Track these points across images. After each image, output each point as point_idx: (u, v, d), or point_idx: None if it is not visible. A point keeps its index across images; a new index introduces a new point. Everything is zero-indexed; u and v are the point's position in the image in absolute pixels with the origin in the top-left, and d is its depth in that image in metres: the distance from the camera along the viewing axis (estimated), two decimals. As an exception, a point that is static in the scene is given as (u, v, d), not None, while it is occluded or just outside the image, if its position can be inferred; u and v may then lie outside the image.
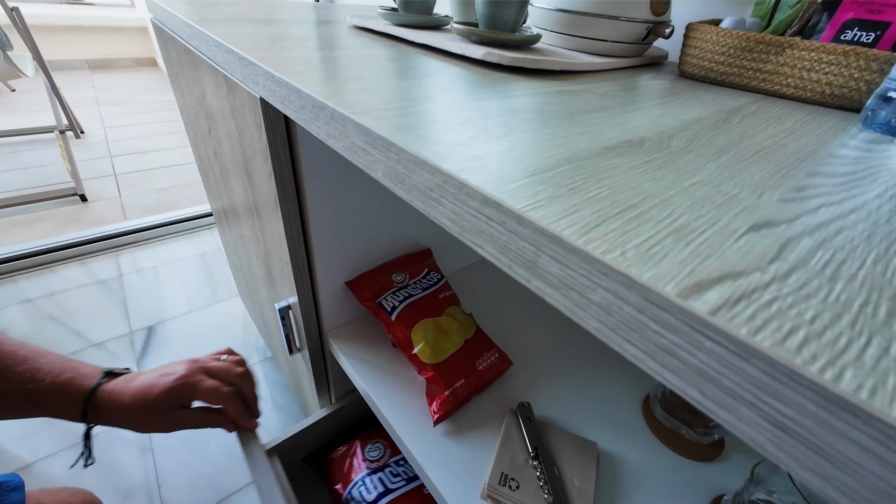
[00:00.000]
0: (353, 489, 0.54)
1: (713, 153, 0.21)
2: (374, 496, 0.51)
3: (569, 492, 0.37)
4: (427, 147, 0.18)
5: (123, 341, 1.05)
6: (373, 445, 0.58)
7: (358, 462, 0.56)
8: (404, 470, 0.55)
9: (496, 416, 0.44)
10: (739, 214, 0.15)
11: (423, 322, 0.46)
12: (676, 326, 0.11)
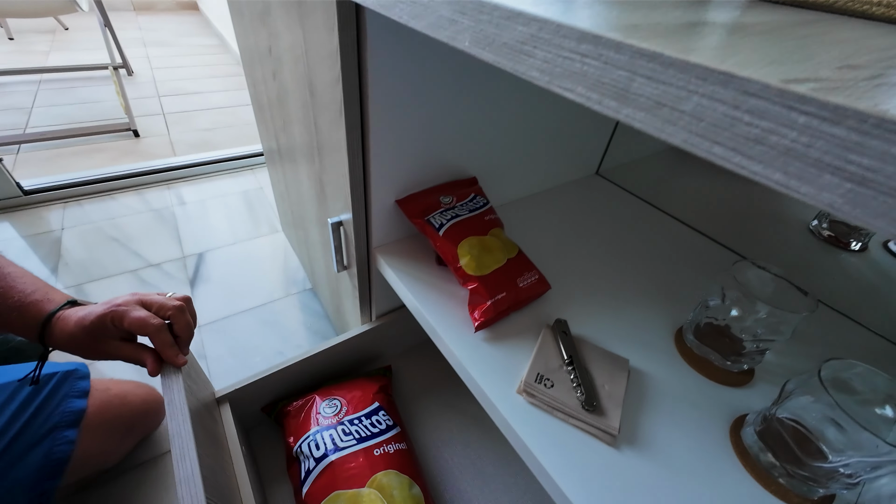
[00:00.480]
0: (303, 443, 0.53)
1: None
2: (323, 452, 0.51)
3: (599, 394, 0.40)
4: (520, 4, 0.19)
5: (177, 264, 1.14)
6: (330, 402, 0.57)
7: (313, 416, 0.56)
8: (357, 429, 0.54)
9: (532, 331, 0.47)
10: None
11: (468, 239, 0.48)
12: (770, 111, 0.12)
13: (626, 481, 0.35)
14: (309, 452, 0.52)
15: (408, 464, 0.53)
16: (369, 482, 0.48)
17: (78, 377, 0.61)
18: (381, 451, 0.52)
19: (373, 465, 0.50)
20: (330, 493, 0.48)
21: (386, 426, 0.55)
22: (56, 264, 1.10)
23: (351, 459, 0.50)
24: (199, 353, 0.92)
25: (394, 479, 0.49)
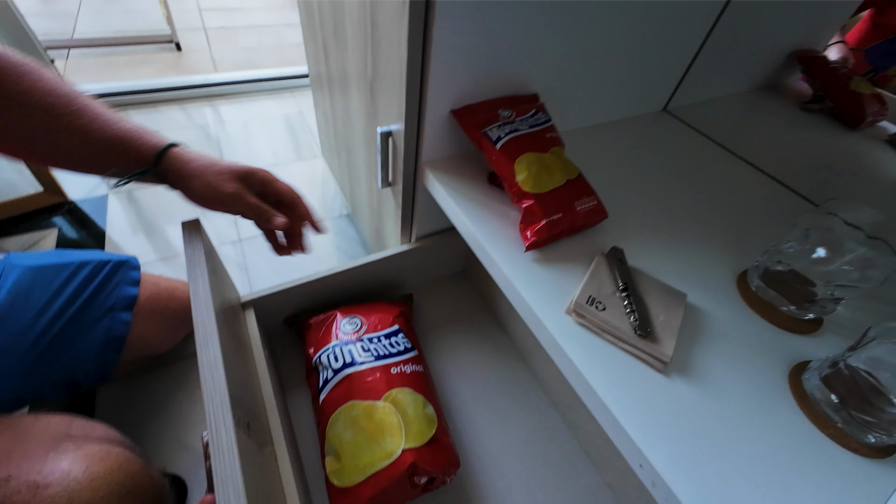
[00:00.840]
0: (323, 354, 0.54)
1: None
2: (341, 364, 0.52)
3: (654, 322, 0.38)
4: None
5: (220, 180, 1.16)
6: (350, 319, 0.58)
7: (334, 331, 0.56)
8: (376, 347, 0.54)
9: (584, 259, 0.45)
10: None
11: (527, 154, 0.45)
12: None
13: (675, 408, 0.34)
14: (328, 363, 0.53)
15: (423, 385, 0.53)
16: (385, 396, 0.49)
17: (130, 268, 0.65)
18: (398, 370, 0.52)
19: (389, 382, 0.50)
20: (346, 401, 0.49)
21: (404, 348, 0.55)
22: (108, 170, 1.14)
23: (368, 374, 0.51)
24: (240, 264, 0.96)
25: (409, 397, 0.49)
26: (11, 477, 0.30)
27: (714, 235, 0.50)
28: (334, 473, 0.44)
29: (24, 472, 0.30)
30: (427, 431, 0.47)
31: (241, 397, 0.37)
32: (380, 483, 0.43)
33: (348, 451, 0.45)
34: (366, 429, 0.46)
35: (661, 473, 0.30)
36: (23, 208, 0.99)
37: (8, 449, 0.32)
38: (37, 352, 0.51)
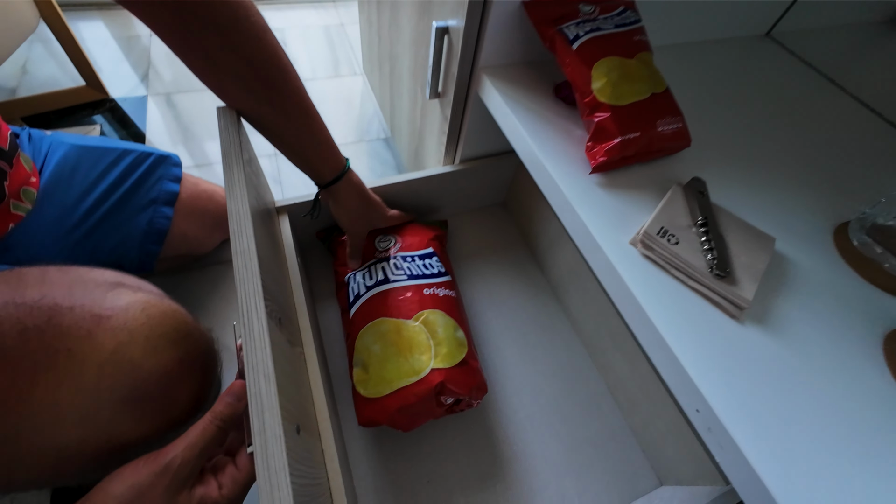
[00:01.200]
0: (356, 273, 0.53)
1: None
2: (374, 280, 0.50)
3: (734, 263, 0.33)
4: None
5: (257, 90, 1.12)
6: (384, 237, 0.55)
7: (367, 248, 0.55)
8: (409, 267, 0.52)
9: (656, 189, 0.39)
10: None
11: (608, 59, 0.38)
12: None
13: (746, 356, 0.30)
14: (360, 279, 0.51)
15: (455, 310, 0.50)
16: (416, 316, 0.47)
17: (171, 164, 0.63)
18: (430, 291, 0.49)
19: (421, 302, 0.48)
20: (377, 317, 0.47)
21: (438, 271, 0.52)
22: (146, 71, 1.12)
23: (401, 292, 0.49)
24: (274, 178, 0.94)
25: (440, 319, 0.47)
26: (75, 307, 0.31)
27: (812, 179, 0.43)
28: (361, 383, 0.44)
29: (87, 304, 0.32)
30: (457, 354, 0.45)
31: (273, 292, 0.35)
32: (406, 397, 0.42)
33: (376, 364, 0.44)
34: (395, 344, 0.45)
35: (720, 418, 0.27)
36: (66, 102, 0.99)
37: (69, 286, 0.33)
38: (82, 232, 0.51)
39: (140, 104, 1.04)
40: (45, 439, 0.28)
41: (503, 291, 0.64)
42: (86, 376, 0.29)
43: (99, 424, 0.30)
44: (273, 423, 0.25)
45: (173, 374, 0.34)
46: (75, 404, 0.29)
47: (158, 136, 0.98)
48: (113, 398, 0.30)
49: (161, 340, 0.33)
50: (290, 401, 0.30)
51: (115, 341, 0.31)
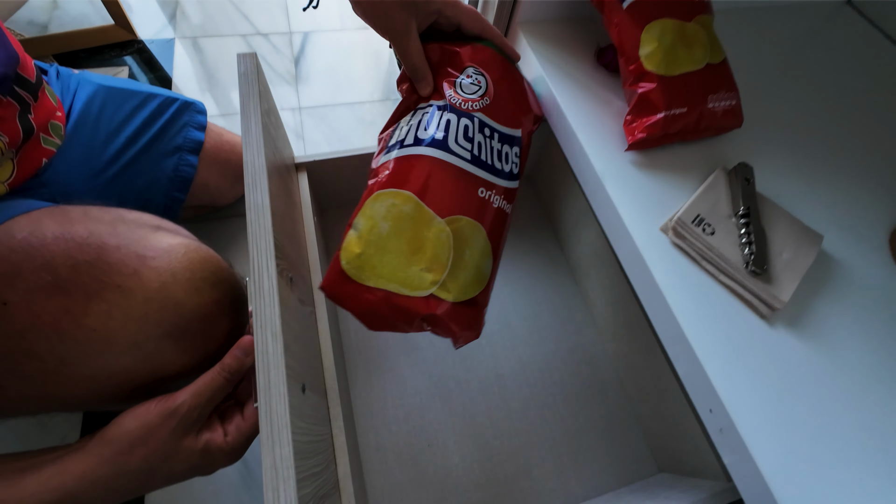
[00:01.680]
0: (420, 109, 0.37)
1: None
2: (430, 135, 0.35)
3: (774, 261, 0.30)
4: None
5: (284, 38, 1.08)
6: (476, 74, 0.37)
7: (446, 81, 0.38)
8: (480, 144, 0.36)
9: (698, 171, 0.36)
10: None
11: (662, 20, 0.34)
12: None
13: (774, 360, 0.28)
14: (416, 122, 0.36)
15: (500, 230, 0.36)
16: (450, 218, 0.33)
17: (196, 111, 0.63)
18: (487, 194, 0.35)
19: (468, 202, 0.34)
20: (405, 188, 0.33)
21: (510, 171, 0.37)
22: (174, 12, 1.09)
23: (451, 173, 0.34)
24: (296, 132, 0.93)
25: (477, 237, 0.34)
26: (121, 246, 0.32)
27: (878, 172, 0.39)
28: (348, 253, 0.33)
29: (132, 244, 0.33)
30: (471, 290, 0.34)
31: (286, 250, 0.35)
32: (387, 303, 0.32)
33: (375, 245, 0.33)
34: (408, 237, 0.33)
35: (735, 422, 0.26)
36: (94, 41, 0.98)
37: (113, 224, 0.34)
38: (110, 175, 0.52)
39: (167, 47, 1.02)
40: (96, 364, 0.30)
41: (520, 268, 0.62)
42: (133, 309, 0.31)
43: (145, 355, 0.32)
44: (278, 381, 0.26)
45: (212, 314, 0.35)
46: (124, 334, 0.30)
47: (185, 82, 0.97)
48: (158, 332, 0.32)
49: (201, 282, 0.35)
50: (297, 360, 0.30)
51: (159, 280, 0.32)
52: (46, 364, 0.29)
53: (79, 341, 0.29)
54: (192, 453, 0.28)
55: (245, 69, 0.37)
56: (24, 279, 0.29)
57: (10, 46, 0.38)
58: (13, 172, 0.39)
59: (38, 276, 0.29)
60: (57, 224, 0.32)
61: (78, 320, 0.29)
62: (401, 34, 0.35)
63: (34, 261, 0.30)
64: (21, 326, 0.28)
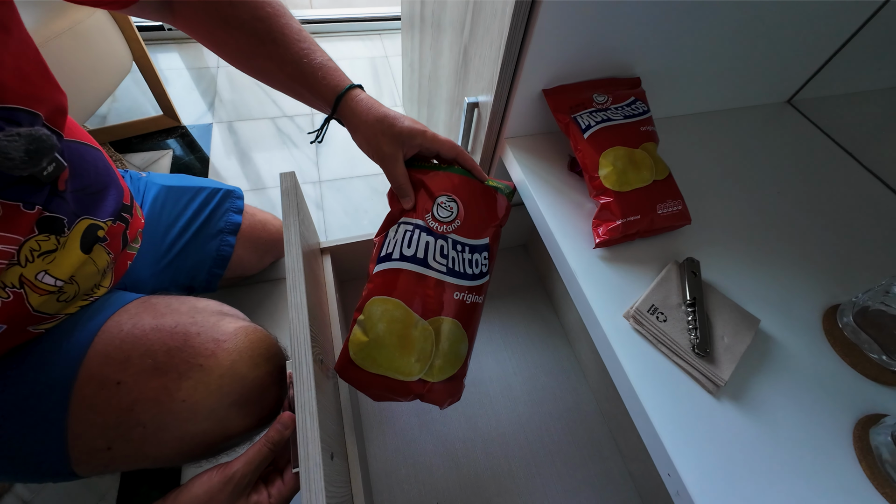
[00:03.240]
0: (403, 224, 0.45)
1: None
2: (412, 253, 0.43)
3: (716, 343, 0.37)
4: None
5: (307, 119, 1.23)
6: (449, 201, 0.45)
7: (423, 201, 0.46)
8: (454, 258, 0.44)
9: (655, 263, 0.44)
10: None
11: (616, 148, 0.43)
12: None
13: (720, 431, 0.34)
14: (401, 238, 0.43)
15: (473, 319, 0.44)
16: (432, 319, 0.42)
17: (235, 197, 0.73)
18: (460, 296, 0.43)
19: (445, 306, 0.42)
20: (395, 297, 0.41)
21: (480, 272, 0.44)
22: (213, 101, 1.25)
23: (431, 286, 0.42)
24: (317, 204, 1.04)
25: (453, 330, 0.42)
26: (201, 332, 0.42)
27: (813, 259, 0.46)
28: (355, 344, 0.41)
29: (208, 330, 0.43)
30: (449, 369, 0.42)
31: (318, 337, 0.43)
32: (385, 385, 0.41)
33: (374, 341, 0.41)
34: (399, 336, 0.41)
35: (687, 488, 0.31)
36: (145, 129, 1.13)
37: (191, 314, 0.44)
38: (168, 260, 0.61)
39: (206, 130, 1.17)
40: (184, 429, 0.39)
41: (518, 332, 0.69)
42: (212, 384, 0.40)
43: (218, 420, 0.40)
44: (315, 452, 0.32)
45: (266, 384, 0.44)
46: (205, 404, 0.39)
47: (221, 160, 1.10)
48: (228, 401, 0.41)
49: (259, 358, 0.44)
50: (327, 432, 0.37)
51: (230, 359, 0.41)
52: (147, 430, 0.37)
53: (173, 411, 0.38)
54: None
55: (286, 186, 0.47)
56: (133, 364, 0.38)
57: (118, 181, 0.48)
58: (112, 279, 0.48)
59: (142, 360, 0.38)
60: (150, 317, 0.42)
61: (172, 395, 0.38)
62: (390, 161, 0.42)
63: (138, 349, 0.39)
64: (130, 401, 0.37)
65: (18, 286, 0.36)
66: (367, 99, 0.43)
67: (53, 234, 0.38)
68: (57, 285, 0.39)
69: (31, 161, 0.31)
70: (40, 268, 0.37)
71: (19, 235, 0.35)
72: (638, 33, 0.46)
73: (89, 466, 0.38)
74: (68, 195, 0.40)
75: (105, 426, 0.37)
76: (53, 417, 0.36)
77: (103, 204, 0.45)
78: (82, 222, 0.41)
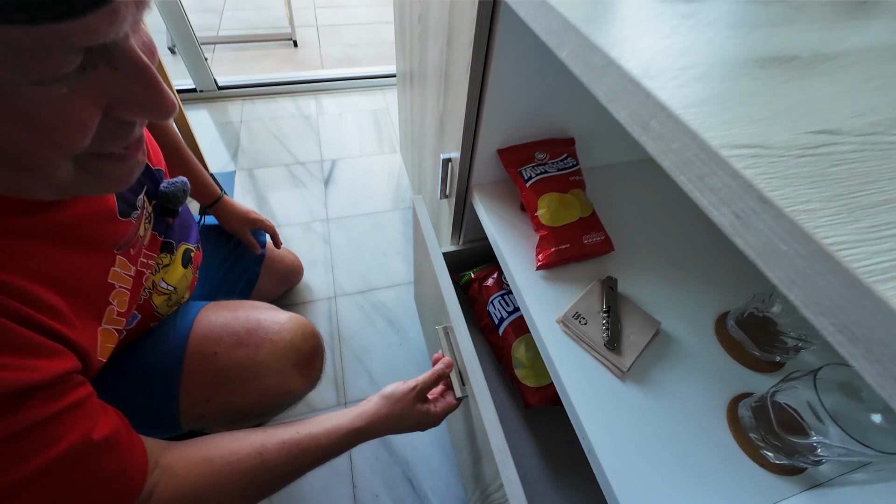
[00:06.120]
0: (495, 299, 0.72)
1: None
2: (511, 309, 0.71)
3: (623, 340, 0.49)
4: (602, 37, 0.27)
5: (316, 165, 1.40)
6: (495, 276, 0.76)
7: (494, 283, 0.74)
8: (509, 300, 0.71)
9: (585, 281, 0.56)
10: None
11: (550, 194, 0.57)
12: (711, 163, 0.20)
13: (624, 407, 0.45)
14: (500, 306, 0.72)
15: None
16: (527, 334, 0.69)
17: (260, 235, 0.88)
18: None
19: None
20: (522, 333, 0.69)
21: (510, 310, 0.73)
22: (236, 150, 1.43)
23: (520, 317, 0.70)
24: (324, 239, 1.18)
25: None
26: (267, 319, 0.58)
27: (712, 277, 0.58)
28: (526, 378, 0.66)
29: (270, 317, 0.58)
30: None
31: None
32: (549, 391, 0.65)
33: (531, 364, 0.67)
34: (537, 353, 0.66)
35: (594, 446, 0.42)
36: (179, 176, 1.30)
37: (255, 308, 0.60)
38: (213, 283, 0.76)
39: (230, 177, 1.34)
40: (261, 384, 0.54)
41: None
42: (279, 352, 0.55)
43: (284, 377, 0.55)
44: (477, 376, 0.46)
45: (313, 353, 0.60)
46: (275, 366, 0.54)
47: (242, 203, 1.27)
48: (290, 363, 0.56)
49: (307, 335, 0.60)
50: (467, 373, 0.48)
51: (289, 335, 0.57)
52: (235, 385, 0.52)
53: (253, 370, 0.53)
54: (419, 413, 0.50)
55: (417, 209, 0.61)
56: (223, 341, 0.53)
57: (194, 221, 0.64)
58: (189, 293, 0.62)
59: (230, 338, 0.54)
60: (228, 311, 0.58)
61: (254, 359, 0.53)
62: (241, 233, 0.84)
63: (226, 330, 0.54)
64: (224, 365, 0.52)
65: (151, 288, 0.51)
66: (231, 204, 0.79)
67: (168, 253, 0.54)
68: (168, 290, 0.54)
69: (183, 198, 0.53)
70: (161, 276, 0.53)
71: (155, 253, 0.51)
72: (569, 106, 0.60)
73: (190, 417, 0.52)
74: (175, 227, 0.57)
75: (206, 384, 0.52)
76: (170, 381, 0.51)
77: (191, 234, 0.63)
78: (182, 246, 0.58)
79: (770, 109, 0.22)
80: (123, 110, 0.27)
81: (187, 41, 1.45)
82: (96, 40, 0.23)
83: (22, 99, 0.22)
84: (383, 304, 1.06)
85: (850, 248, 0.16)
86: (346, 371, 0.94)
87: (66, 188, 0.29)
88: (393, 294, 1.08)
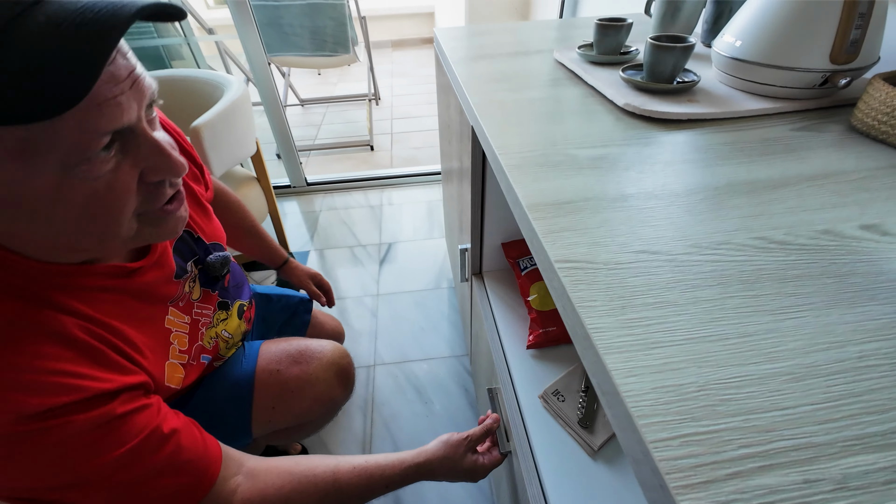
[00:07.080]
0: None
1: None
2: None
3: (597, 420, 0.53)
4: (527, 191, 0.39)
5: (375, 248, 1.62)
6: None
7: None
8: None
9: (570, 361, 0.61)
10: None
11: (540, 282, 0.66)
12: (552, 272, 0.30)
13: (592, 485, 0.48)
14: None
15: None
16: None
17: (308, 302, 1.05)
18: None
19: None
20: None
21: None
22: (313, 234, 1.73)
23: None
24: (372, 312, 1.34)
25: None
26: (312, 345, 0.72)
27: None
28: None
29: (314, 345, 0.72)
30: None
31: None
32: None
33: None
34: None
35: (559, 519, 0.46)
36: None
37: (302, 341, 0.74)
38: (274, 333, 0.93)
39: (305, 255, 1.61)
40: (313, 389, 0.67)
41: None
42: (325, 367, 0.69)
43: (329, 385, 0.68)
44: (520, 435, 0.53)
45: (349, 367, 0.74)
46: (323, 377, 0.68)
47: (310, 278, 1.50)
48: (333, 375, 0.69)
49: (343, 354, 0.73)
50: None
51: (330, 355, 0.71)
52: (294, 394, 0.66)
53: (307, 381, 0.67)
54: (470, 462, 0.55)
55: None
56: (282, 361, 0.68)
57: (247, 282, 0.83)
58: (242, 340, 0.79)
59: (288, 359, 0.68)
60: (283, 342, 0.73)
61: (307, 372, 0.67)
62: (305, 285, 0.97)
63: (283, 354, 0.69)
64: (284, 379, 0.66)
65: (215, 337, 0.67)
66: (296, 265, 0.97)
67: (224, 310, 0.71)
68: (227, 337, 0.70)
69: (222, 268, 0.67)
70: (222, 328, 0.69)
71: (211, 307, 0.67)
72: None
73: (260, 424, 0.64)
74: (230, 288, 0.74)
75: (272, 395, 0.65)
76: (245, 395, 0.65)
77: (243, 292, 0.80)
78: (237, 303, 0.75)
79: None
80: (150, 174, 0.38)
81: (288, 149, 1.86)
82: (107, 126, 0.31)
83: (85, 178, 0.32)
84: (415, 376, 1.14)
85: (603, 332, 0.24)
86: (374, 435, 1.01)
87: (130, 239, 0.39)
88: (426, 367, 1.17)
